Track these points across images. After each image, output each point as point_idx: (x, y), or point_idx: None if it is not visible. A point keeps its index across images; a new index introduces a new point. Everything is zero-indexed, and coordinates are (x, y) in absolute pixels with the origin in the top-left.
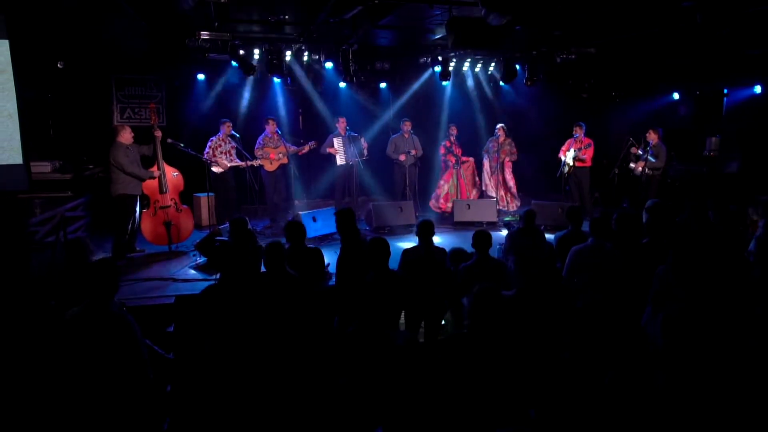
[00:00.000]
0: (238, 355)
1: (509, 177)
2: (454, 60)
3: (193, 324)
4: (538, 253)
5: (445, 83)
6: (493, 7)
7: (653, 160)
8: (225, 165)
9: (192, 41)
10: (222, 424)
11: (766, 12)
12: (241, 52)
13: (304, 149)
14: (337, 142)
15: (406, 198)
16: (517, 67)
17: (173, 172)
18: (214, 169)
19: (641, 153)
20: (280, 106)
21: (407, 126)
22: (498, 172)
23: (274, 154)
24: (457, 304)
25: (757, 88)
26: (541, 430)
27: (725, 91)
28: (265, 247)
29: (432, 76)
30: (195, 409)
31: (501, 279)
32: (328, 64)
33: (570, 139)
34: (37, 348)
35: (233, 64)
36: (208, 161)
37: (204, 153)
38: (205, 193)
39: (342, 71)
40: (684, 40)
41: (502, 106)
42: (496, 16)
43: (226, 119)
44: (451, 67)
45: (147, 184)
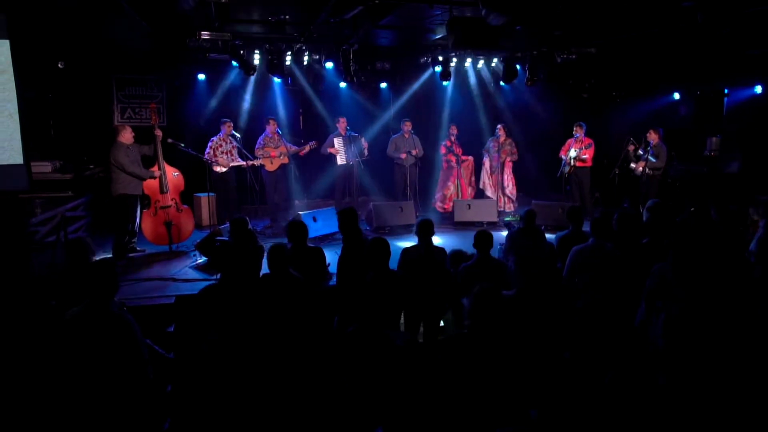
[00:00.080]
0: (238, 355)
1: (508, 178)
2: (454, 60)
3: (193, 324)
4: (538, 253)
5: (445, 83)
6: (493, 7)
7: (654, 160)
8: (226, 164)
9: (192, 41)
10: (222, 424)
11: (766, 12)
12: (241, 52)
13: (305, 149)
14: (337, 142)
15: (406, 198)
16: (517, 67)
17: (174, 172)
18: (216, 169)
19: (642, 153)
20: (280, 106)
21: (407, 126)
22: (498, 171)
23: (275, 154)
24: (457, 304)
25: (758, 88)
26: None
27: (726, 91)
28: (268, 249)
29: (432, 76)
30: (195, 409)
31: (502, 279)
32: (329, 64)
33: (570, 139)
34: (37, 348)
35: (234, 64)
36: (209, 161)
37: (205, 153)
38: (206, 193)
39: (342, 71)
40: (684, 40)
41: (503, 106)
42: (496, 16)
43: (227, 119)
44: (452, 66)
45: (147, 184)
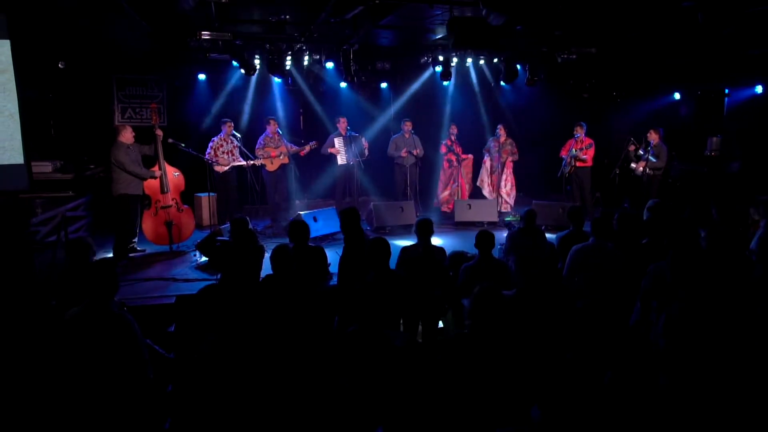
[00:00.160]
0: (237, 355)
1: (508, 178)
2: (455, 59)
3: (192, 324)
4: (538, 253)
5: (446, 83)
6: (493, 6)
7: (654, 160)
8: (227, 164)
9: (193, 41)
10: (222, 425)
11: (766, 12)
12: (241, 52)
13: (305, 149)
14: (338, 142)
15: (407, 198)
16: (518, 66)
17: (174, 172)
18: (217, 169)
19: (642, 153)
20: (280, 106)
21: (408, 126)
22: (499, 171)
23: (275, 154)
24: (457, 304)
25: (759, 88)
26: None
27: (726, 91)
28: (273, 250)
29: (432, 76)
30: (196, 409)
31: (503, 279)
32: (329, 64)
33: (571, 139)
34: (37, 348)
35: (234, 64)
36: (210, 161)
37: (206, 153)
38: (206, 193)
39: (343, 71)
40: (685, 40)
41: (503, 106)
42: (496, 16)
43: (228, 119)
44: (453, 64)
45: (148, 184)
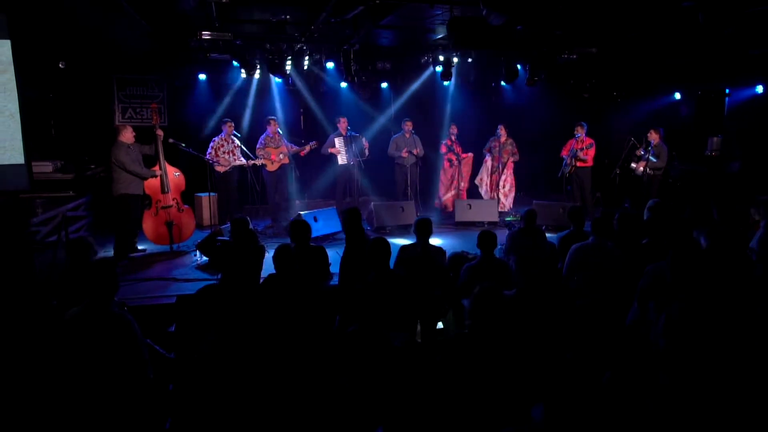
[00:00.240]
0: (237, 355)
1: (508, 179)
2: (455, 59)
3: (192, 323)
4: (538, 253)
5: (446, 83)
6: (494, 6)
7: (654, 160)
8: (228, 164)
9: (193, 41)
10: (223, 425)
11: (767, 12)
12: (242, 52)
13: (306, 149)
14: (338, 141)
15: (407, 198)
16: (518, 66)
17: (175, 172)
18: (218, 169)
19: (642, 153)
20: (281, 106)
21: (408, 126)
22: (499, 171)
23: (275, 154)
24: (457, 305)
25: (759, 88)
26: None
27: (727, 91)
28: (276, 249)
29: (433, 76)
30: (196, 409)
31: (505, 279)
32: (329, 64)
33: (572, 139)
34: (38, 348)
35: (234, 63)
36: (211, 161)
37: (207, 153)
38: (207, 193)
39: (343, 71)
40: (685, 40)
41: (504, 106)
42: (497, 15)
43: (228, 119)
44: (453, 64)
45: (149, 184)
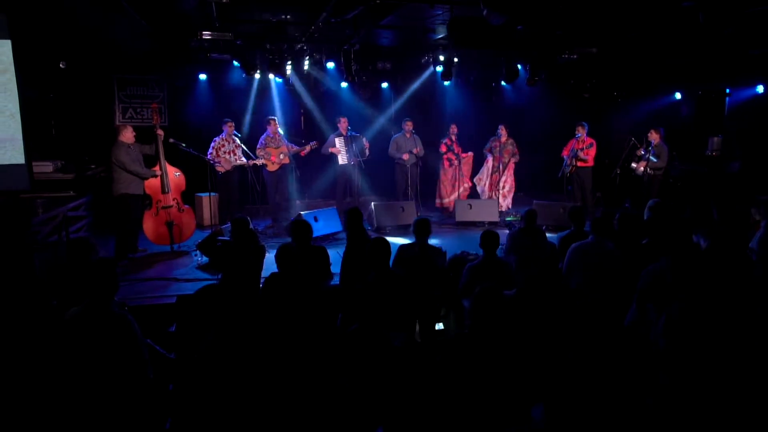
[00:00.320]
0: (236, 355)
1: (508, 179)
2: (455, 59)
3: (191, 323)
4: (539, 253)
5: (446, 83)
6: (494, 6)
7: (655, 160)
8: (229, 164)
9: (194, 41)
10: (223, 425)
11: (767, 12)
12: (242, 52)
13: (306, 149)
14: (338, 141)
15: (407, 198)
16: (518, 66)
17: (175, 172)
18: (219, 169)
19: (643, 153)
20: (281, 106)
21: (409, 126)
22: (500, 171)
23: (276, 154)
24: (458, 305)
25: (760, 88)
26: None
27: (727, 91)
28: (278, 249)
29: (433, 76)
30: (196, 408)
31: (507, 279)
32: (330, 64)
33: (572, 139)
34: (38, 348)
35: (235, 63)
36: (212, 161)
37: (208, 153)
38: (207, 193)
39: (343, 71)
40: (686, 39)
41: (504, 106)
42: (497, 15)
43: (228, 119)
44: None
45: (149, 184)
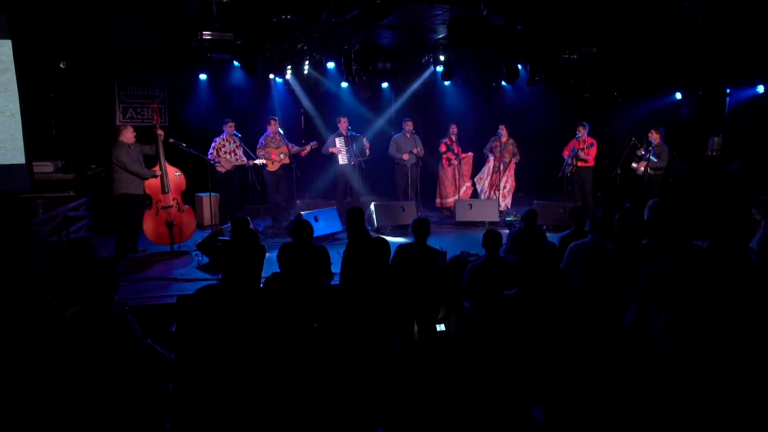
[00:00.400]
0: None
1: (508, 180)
2: (456, 59)
3: (190, 323)
4: (539, 253)
5: (446, 83)
6: (494, 6)
7: (655, 160)
8: (229, 164)
9: (194, 41)
10: (223, 425)
11: (767, 12)
12: (243, 52)
13: (306, 149)
14: (339, 141)
15: (407, 198)
16: (518, 66)
17: (175, 172)
18: (219, 169)
19: (643, 153)
20: (281, 106)
21: (409, 126)
22: (500, 171)
23: (276, 154)
24: (457, 305)
25: (760, 88)
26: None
27: (728, 91)
28: (279, 248)
29: (433, 76)
30: (197, 409)
31: (509, 279)
32: (330, 64)
33: (573, 139)
34: (38, 348)
35: (235, 63)
36: (213, 161)
37: (208, 153)
38: (208, 193)
39: (344, 71)
40: (686, 39)
41: (504, 106)
42: (497, 15)
43: (229, 119)
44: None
45: (149, 184)
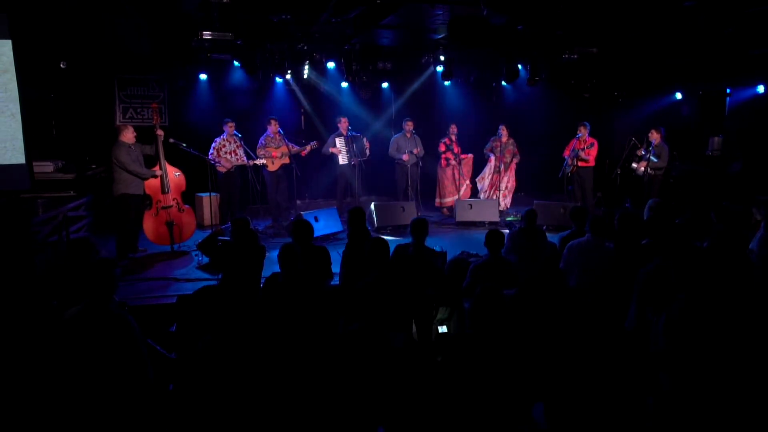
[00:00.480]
0: (238, 354)
1: (509, 180)
2: (456, 59)
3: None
4: (539, 253)
5: (447, 83)
6: (494, 6)
7: (655, 160)
8: (230, 164)
9: (195, 41)
10: (223, 425)
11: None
12: (243, 52)
13: (306, 149)
14: (339, 142)
15: (408, 198)
16: (519, 66)
17: (175, 172)
18: (220, 169)
19: (644, 153)
20: (281, 106)
21: (409, 126)
22: (501, 171)
23: (276, 154)
24: (458, 306)
25: (760, 88)
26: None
27: (728, 90)
28: (280, 249)
29: (434, 76)
30: (197, 408)
31: (511, 279)
32: (330, 64)
33: (574, 139)
34: (37, 348)
35: (235, 63)
36: (213, 162)
37: (209, 154)
38: (208, 193)
39: (344, 71)
40: (687, 39)
41: (504, 106)
42: (497, 15)
43: (229, 119)
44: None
45: (149, 184)
